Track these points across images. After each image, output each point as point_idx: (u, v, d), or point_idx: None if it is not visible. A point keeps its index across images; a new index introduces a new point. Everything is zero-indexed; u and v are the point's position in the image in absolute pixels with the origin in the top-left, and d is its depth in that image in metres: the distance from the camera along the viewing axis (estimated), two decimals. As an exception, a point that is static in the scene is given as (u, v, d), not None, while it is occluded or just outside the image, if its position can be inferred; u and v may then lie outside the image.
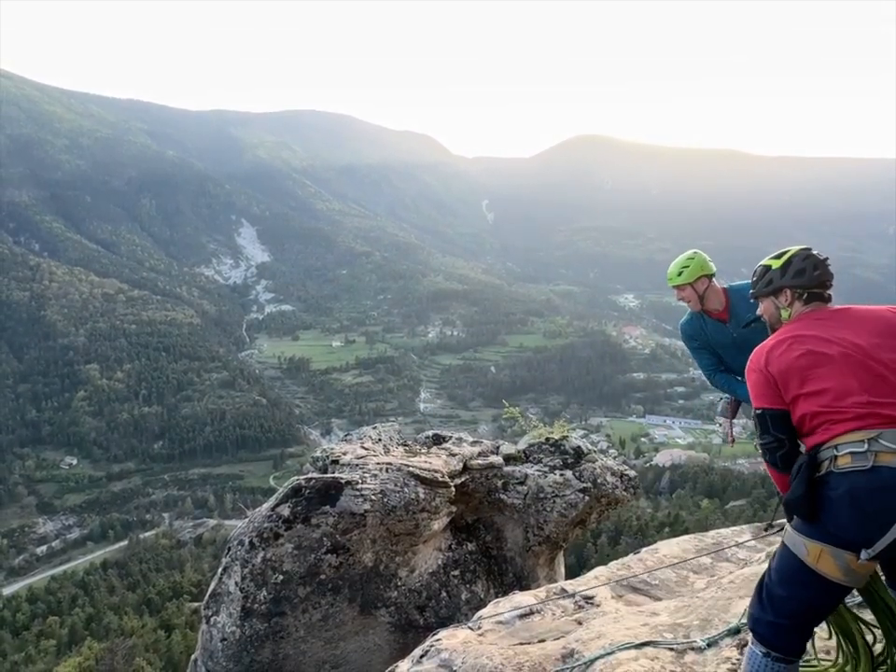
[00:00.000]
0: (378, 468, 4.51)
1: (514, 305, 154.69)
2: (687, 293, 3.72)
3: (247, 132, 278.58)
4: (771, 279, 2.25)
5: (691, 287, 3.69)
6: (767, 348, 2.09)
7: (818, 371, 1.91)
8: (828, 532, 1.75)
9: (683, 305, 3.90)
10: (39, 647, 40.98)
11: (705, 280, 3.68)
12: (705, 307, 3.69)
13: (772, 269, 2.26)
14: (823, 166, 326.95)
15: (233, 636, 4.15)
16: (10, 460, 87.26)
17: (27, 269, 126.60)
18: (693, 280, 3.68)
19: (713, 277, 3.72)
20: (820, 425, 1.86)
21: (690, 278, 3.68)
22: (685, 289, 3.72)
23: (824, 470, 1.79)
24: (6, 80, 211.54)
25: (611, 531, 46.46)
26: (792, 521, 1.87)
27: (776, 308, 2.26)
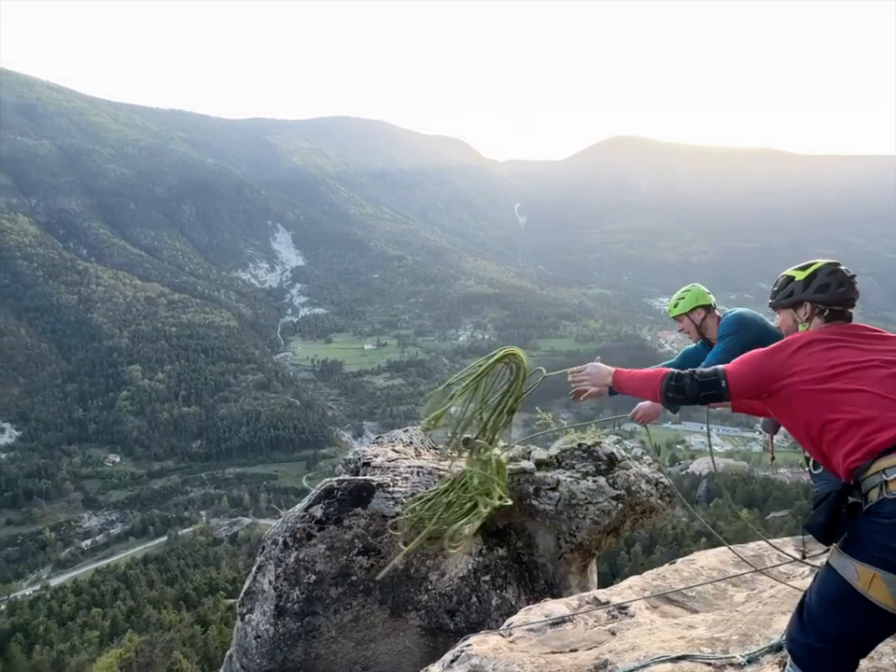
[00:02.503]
0: (409, 471, 4.53)
1: (546, 309, 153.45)
2: (685, 324, 3.91)
3: (283, 139, 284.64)
4: (792, 290, 2.17)
5: (687, 317, 3.87)
6: (798, 344, 1.99)
7: (851, 375, 1.83)
8: (883, 557, 1.62)
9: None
10: (83, 637, 42.57)
11: (701, 311, 3.84)
12: (705, 337, 3.85)
13: (795, 280, 2.18)
14: (871, 164, 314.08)
15: (267, 633, 4.22)
16: (58, 457, 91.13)
17: (75, 273, 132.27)
18: (688, 311, 3.85)
19: (712, 308, 3.86)
20: (857, 435, 1.74)
21: (685, 309, 3.86)
22: (682, 320, 3.92)
23: (876, 498, 1.67)
24: (57, 94, 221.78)
25: (646, 540, 45.52)
26: (839, 542, 1.75)
27: (793, 321, 2.19)
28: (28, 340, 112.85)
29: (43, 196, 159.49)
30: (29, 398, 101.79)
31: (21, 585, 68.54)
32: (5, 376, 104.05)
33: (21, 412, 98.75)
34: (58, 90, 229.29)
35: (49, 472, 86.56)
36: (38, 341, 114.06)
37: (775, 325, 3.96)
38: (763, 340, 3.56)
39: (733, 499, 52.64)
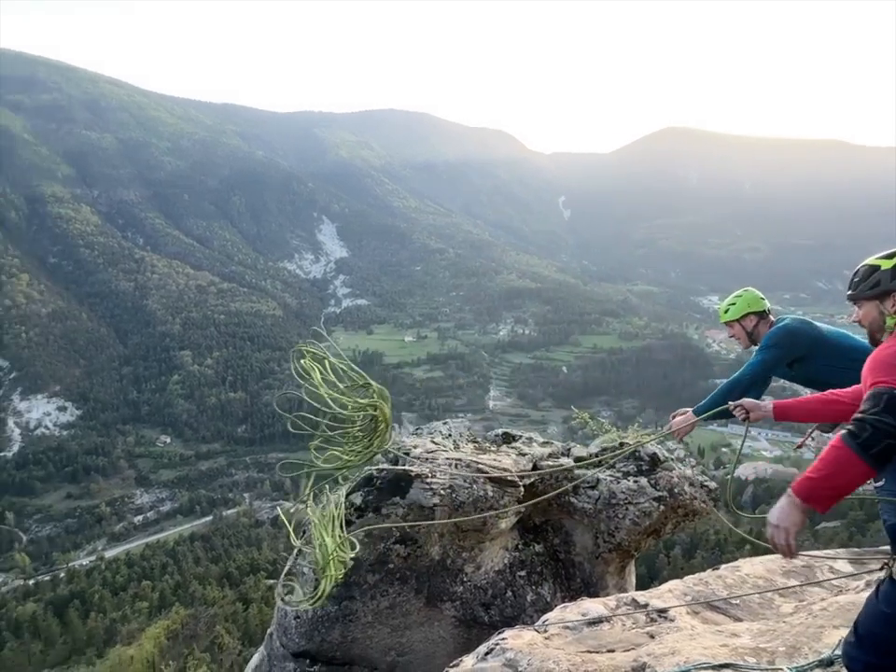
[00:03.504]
0: (447, 463, 4.55)
1: (589, 305, 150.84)
2: (735, 330, 3.75)
3: (330, 131, 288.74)
4: (879, 280, 2.03)
5: (738, 324, 3.71)
6: None
7: None
8: None
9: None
10: (134, 607, 44.81)
11: (753, 318, 3.67)
12: (757, 344, 3.68)
13: (881, 269, 2.04)
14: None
15: (306, 614, 4.34)
16: (114, 435, 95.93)
17: (133, 261, 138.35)
18: (739, 317, 3.68)
19: (766, 314, 3.68)
20: None
21: (736, 315, 3.70)
22: (733, 326, 3.76)
23: None
24: (118, 89, 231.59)
25: (686, 544, 44.38)
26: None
27: (879, 313, 2.03)
28: (89, 324, 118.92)
29: (104, 187, 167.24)
30: (89, 379, 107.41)
31: (78, 555, 72.72)
32: (67, 358, 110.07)
33: (81, 392, 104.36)
34: (119, 85, 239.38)
35: (106, 450, 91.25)
36: (98, 325, 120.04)
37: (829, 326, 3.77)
38: (813, 352, 3.40)
39: (780, 507, 50.66)
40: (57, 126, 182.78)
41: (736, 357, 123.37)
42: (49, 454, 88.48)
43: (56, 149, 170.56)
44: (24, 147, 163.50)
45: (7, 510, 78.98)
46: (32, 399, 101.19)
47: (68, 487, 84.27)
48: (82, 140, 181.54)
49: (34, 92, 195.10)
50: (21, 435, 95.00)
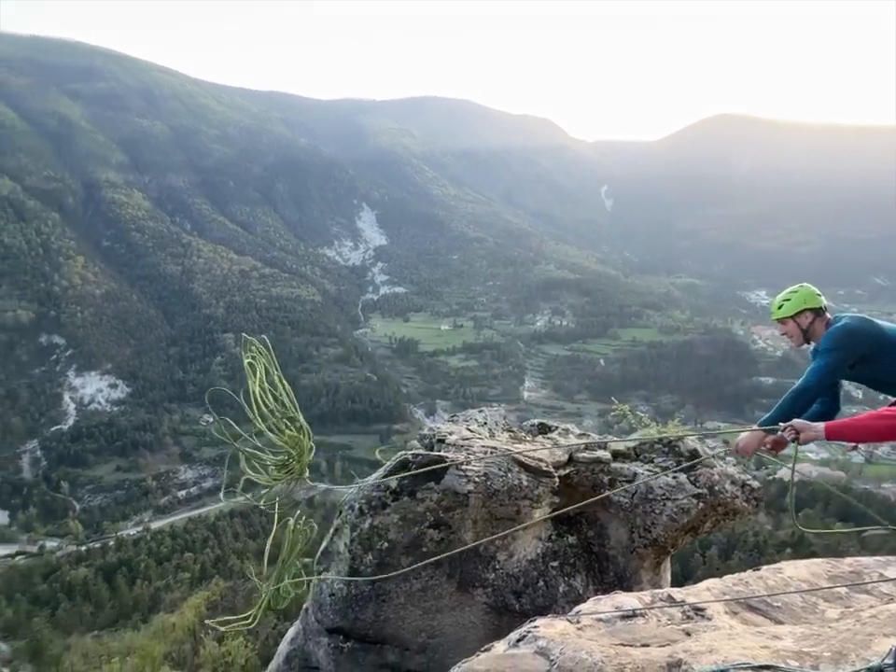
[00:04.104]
0: (483, 451, 4.56)
1: (629, 297, 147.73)
2: (789, 328, 3.52)
3: (372, 118, 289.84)
4: None
5: (793, 321, 3.48)
6: None
7: None
8: None
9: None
10: (177, 577, 46.87)
11: (809, 314, 3.44)
12: (811, 342, 3.50)
13: None
14: None
15: (340, 592, 4.45)
16: (161, 413, 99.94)
17: (180, 246, 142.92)
18: (794, 314, 3.46)
19: (822, 311, 3.45)
20: None
21: (790, 312, 3.47)
22: (787, 324, 3.52)
23: None
24: (170, 77, 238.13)
25: (723, 544, 43.37)
26: None
27: None
28: (139, 305, 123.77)
29: (155, 173, 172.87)
30: (138, 358, 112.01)
31: (126, 525, 76.43)
32: (119, 338, 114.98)
33: (131, 370, 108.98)
34: (171, 74, 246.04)
35: (153, 427, 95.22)
36: (147, 307, 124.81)
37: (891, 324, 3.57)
38: (875, 352, 3.22)
39: (825, 511, 48.89)
40: (113, 114, 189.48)
41: (783, 354, 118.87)
42: (100, 428, 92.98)
43: (111, 136, 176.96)
44: (82, 135, 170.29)
45: (62, 479, 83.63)
46: (86, 376, 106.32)
47: (118, 460, 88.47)
48: (136, 128, 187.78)
49: (91, 81, 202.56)
50: (76, 409, 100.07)
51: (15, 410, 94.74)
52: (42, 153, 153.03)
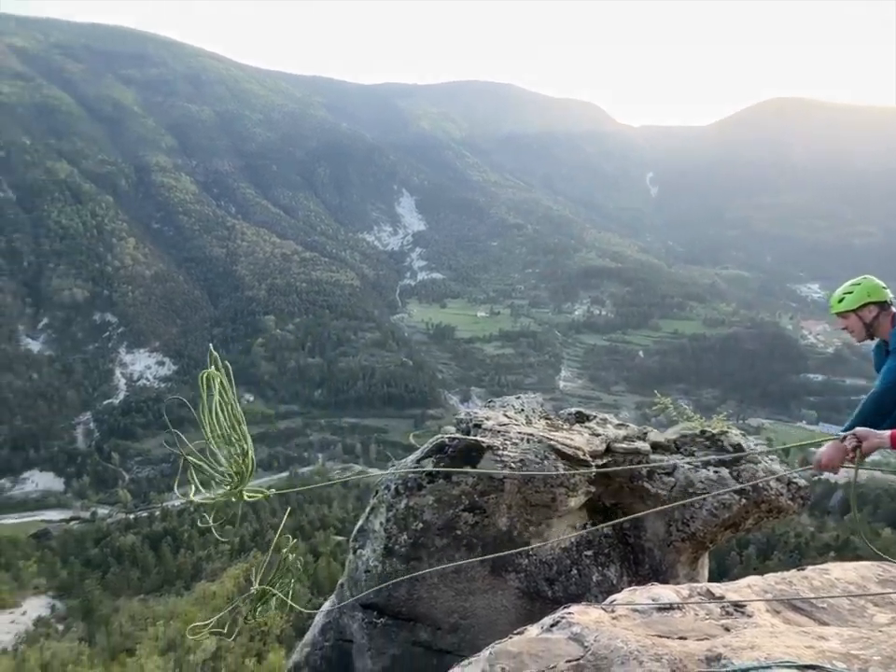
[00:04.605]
0: (519, 437, 4.55)
1: (672, 287, 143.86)
2: (851, 322, 3.32)
3: (413, 103, 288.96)
4: None
5: (855, 315, 3.28)
6: None
7: None
8: None
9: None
10: (218, 549, 48.79)
11: (872, 308, 3.24)
12: (875, 337, 3.31)
13: None
14: None
15: (375, 569, 4.54)
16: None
17: (224, 229, 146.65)
18: (857, 307, 3.26)
19: (888, 305, 3.25)
20: None
21: (853, 305, 3.27)
22: (848, 318, 3.32)
23: None
24: (216, 62, 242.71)
25: (762, 544, 42.27)
26: None
27: None
28: (185, 286, 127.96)
29: (202, 158, 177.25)
30: (184, 337, 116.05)
31: (171, 497, 79.89)
32: (166, 317, 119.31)
33: (177, 349, 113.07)
34: (217, 59, 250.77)
35: (197, 404, 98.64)
36: (193, 288, 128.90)
37: None
38: None
39: (874, 515, 46.96)
40: (162, 99, 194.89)
41: (835, 351, 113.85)
42: (148, 403, 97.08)
43: (161, 121, 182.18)
44: (134, 119, 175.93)
45: (113, 450, 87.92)
46: (135, 353, 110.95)
47: (164, 435, 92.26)
48: (184, 112, 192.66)
49: (143, 67, 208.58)
50: (126, 385, 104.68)
51: (70, 383, 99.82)
52: (97, 137, 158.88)
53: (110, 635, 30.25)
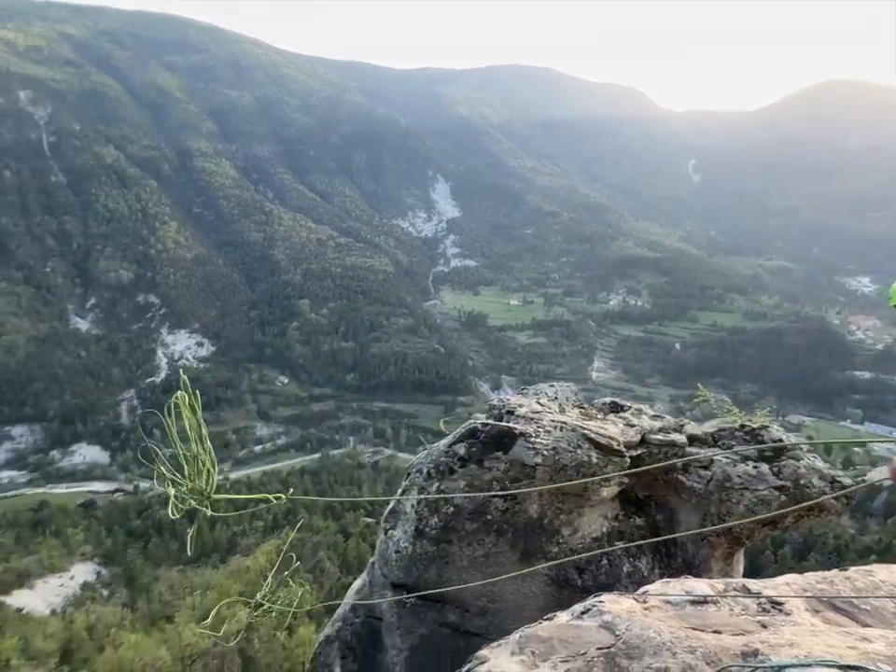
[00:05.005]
0: (553, 425, 4.52)
1: (713, 279, 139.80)
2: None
3: (451, 88, 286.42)
4: None
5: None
6: None
7: None
8: None
9: None
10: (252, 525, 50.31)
11: None
12: None
13: None
14: None
15: (406, 550, 4.60)
16: (241, 372, 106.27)
17: (262, 214, 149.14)
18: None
19: None
20: None
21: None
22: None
23: None
24: (255, 48, 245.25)
25: (798, 544, 41.18)
26: None
27: None
28: (224, 270, 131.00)
29: (241, 143, 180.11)
30: (222, 319, 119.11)
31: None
32: (206, 299, 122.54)
33: (216, 330, 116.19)
34: (257, 44, 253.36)
35: (234, 385, 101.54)
36: (231, 271, 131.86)
37: None
38: None
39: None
40: (204, 85, 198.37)
41: (885, 347, 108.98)
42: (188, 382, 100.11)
43: (203, 107, 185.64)
44: (177, 105, 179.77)
45: (154, 427, 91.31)
46: (176, 334, 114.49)
47: (203, 413, 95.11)
48: (224, 98, 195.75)
49: (186, 53, 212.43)
50: (167, 364, 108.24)
51: (115, 361, 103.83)
52: (142, 123, 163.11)
53: (150, 602, 31.68)
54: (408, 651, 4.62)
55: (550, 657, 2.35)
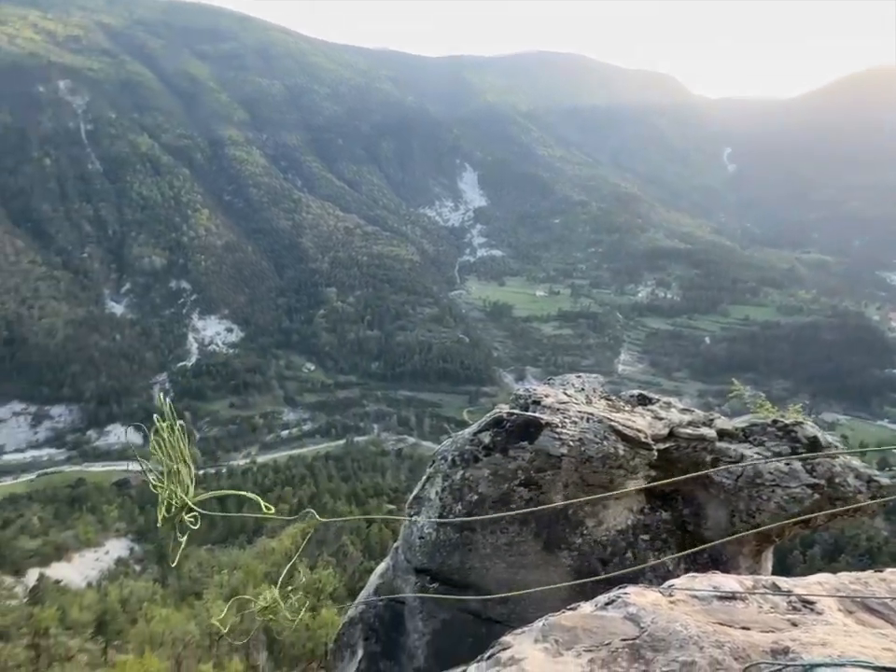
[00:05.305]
0: (579, 416, 4.48)
1: (746, 272, 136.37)
2: None
3: (480, 76, 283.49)
4: None
5: None
6: None
7: None
8: None
9: None
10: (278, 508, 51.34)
11: None
12: None
13: None
14: None
15: (429, 536, 4.64)
16: (269, 358, 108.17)
17: (291, 202, 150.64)
18: None
19: None
20: None
21: None
22: None
23: None
24: (285, 36, 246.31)
25: (828, 545, 40.25)
26: None
27: None
28: (253, 257, 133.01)
29: (271, 131, 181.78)
30: (251, 306, 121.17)
31: (236, 456, 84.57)
32: (235, 286, 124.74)
33: (245, 317, 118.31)
34: (287, 33, 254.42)
35: (262, 370, 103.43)
36: (260, 258, 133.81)
37: None
38: None
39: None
40: (234, 74, 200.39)
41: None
42: (217, 367, 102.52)
43: (234, 96, 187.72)
44: (208, 94, 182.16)
45: (185, 410, 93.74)
46: (207, 319, 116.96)
47: (231, 398, 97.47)
48: (255, 87, 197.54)
49: (217, 42, 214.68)
50: (198, 349, 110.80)
51: (149, 345, 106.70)
52: (174, 111, 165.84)
53: (181, 579, 32.72)
54: (430, 634, 4.67)
55: (574, 646, 2.34)
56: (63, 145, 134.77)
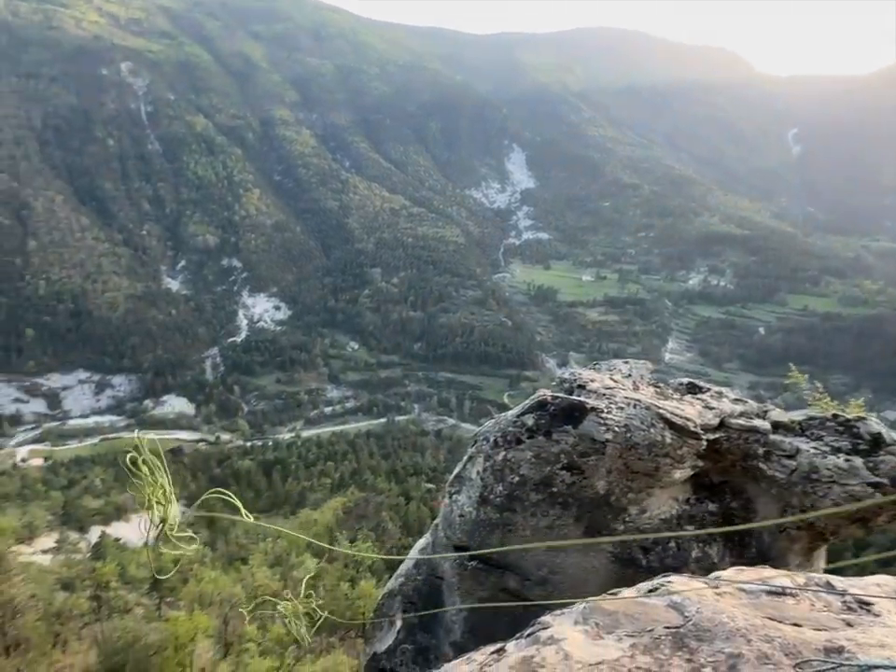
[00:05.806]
0: (626, 402, 4.39)
1: (807, 260, 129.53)
2: None
3: (531, 54, 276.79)
4: None
5: None
6: None
7: None
8: None
9: None
10: (320, 481, 52.94)
11: None
12: None
13: None
14: None
15: (469, 515, 4.68)
16: (314, 336, 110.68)
17: (339, 182, 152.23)
18: None
19: None
20: None
21: None
22: None
23: None
24: (336, 15, 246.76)
25: (884, 547, 38.36)
26: None
27: None
28: (301, 237, 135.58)
29: (321, 112, 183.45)
30: (298, 285, 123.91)
31: (282, 430, 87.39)
32: (283, 265, 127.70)
33: (292, 295, 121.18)
34: (338, 12, 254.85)
35: (307, 348, 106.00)
36: (308, 238, 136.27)
37: None
38: None
39: None
40: (287, 54, 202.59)
41: None
42: (265, 344, 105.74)
43: (285, 76, 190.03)
44: (261, 74, 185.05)
45: (234, 384, 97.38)
46: (256, 297, 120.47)
47: (278, 374, 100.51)
48: (306, 67, 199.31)
49: (270, 22, 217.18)
50: (247, 325, 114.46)
51: (201, 321, 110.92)
52: (229, 92, 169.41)
53: (228, 544, 34.31)
54: (467, 611, 4.74)
55: (615, 630, 2.33)
56: (125, 125, 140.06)
